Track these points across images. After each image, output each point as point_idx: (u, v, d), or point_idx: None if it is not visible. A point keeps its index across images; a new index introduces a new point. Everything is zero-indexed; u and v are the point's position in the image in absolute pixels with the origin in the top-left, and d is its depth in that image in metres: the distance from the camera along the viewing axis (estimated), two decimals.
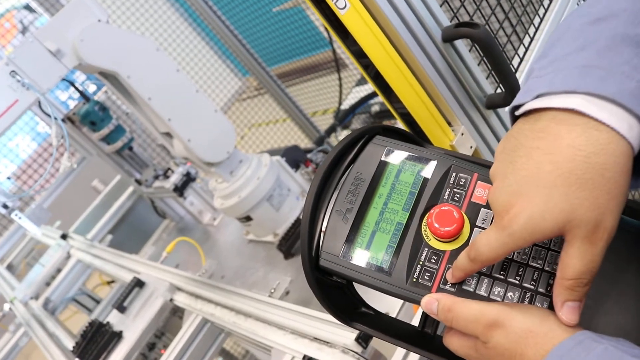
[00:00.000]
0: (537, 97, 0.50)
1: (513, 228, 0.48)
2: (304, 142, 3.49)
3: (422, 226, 0.59)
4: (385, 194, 0.61)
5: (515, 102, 0.52)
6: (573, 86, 0.48)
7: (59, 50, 1.53)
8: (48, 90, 1.54)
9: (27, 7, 5.05)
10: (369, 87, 3.24)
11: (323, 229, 0.61)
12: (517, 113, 0.52)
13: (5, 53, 2.43)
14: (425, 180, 0.61)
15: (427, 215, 0.59)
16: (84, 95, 2.24)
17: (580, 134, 0.46)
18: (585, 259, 0.47)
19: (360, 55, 1.00)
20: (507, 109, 0.54)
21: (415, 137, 0.68)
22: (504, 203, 0.49)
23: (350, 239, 0.60)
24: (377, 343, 1.09)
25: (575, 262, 0.47)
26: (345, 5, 0.90)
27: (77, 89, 2.22)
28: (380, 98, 2.90)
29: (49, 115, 2.28)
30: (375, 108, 3.06)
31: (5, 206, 1.56)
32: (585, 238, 0.47)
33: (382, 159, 0.62)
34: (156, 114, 1.66)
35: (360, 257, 0.59)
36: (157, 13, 3.46)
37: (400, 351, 1.02)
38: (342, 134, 3.17)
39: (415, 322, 0.64)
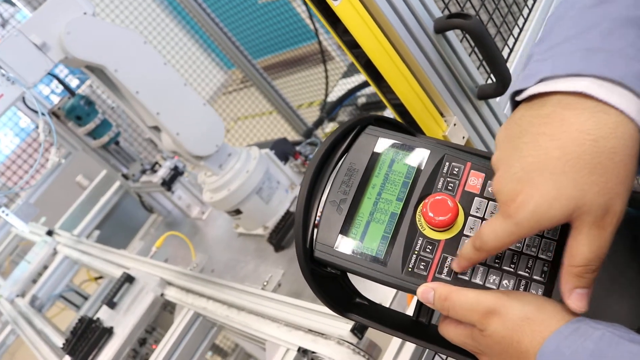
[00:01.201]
0: (541, 81, 0.49)
1: (520, 217, 0.47)
2: (291, 135, 3.48)
3: (417, 216, 0.59)
4: (378, 184, 0.61)
5: (516, 87, 0.52)
6: (578, 69, 0.47)
7: (44, 43, 1.50)
8: (34, 85, 1.52)
9: (7, 0, 4.96)
10: (356, 79, 3.23)
11: (317, 220, 0.61)
12: (518, 98, 0.52)
13: None
14: (419, 170, 0.61)
15: (421, 204, 0.59)
16: (69, 90, 2.21)
17: (589, 118, 0.45)
18: (594, 245, 0.47)
19: (352, 46, 0.99)
20: (507, 93, 0.53)
21: (407, 127, 0.68)
22: (509, 191, 0.48)
23: (345, 229, 0.60)
24: (373, 334, 1.10)
25: (585, 249, 0.47)
26: None
27: (62, 83, 2.19)
28: (368, 90, 2.89)
29: (34, 110, 2.26)
30: (362, 100, 3.05)
31: None
32: (594, 224, 0.46)
33: (375, 149, 0.63)
34: (144, 107, 1.65)
35: (355, 247, 0.59)
36: (141, 6, 3.42)
37: (395, 342, 1.02)
38: (329, 127, 3.16)
39: (409, 312, 0.64)
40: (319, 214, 0.61)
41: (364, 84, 2.77)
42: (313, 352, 1.11)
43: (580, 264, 0.48)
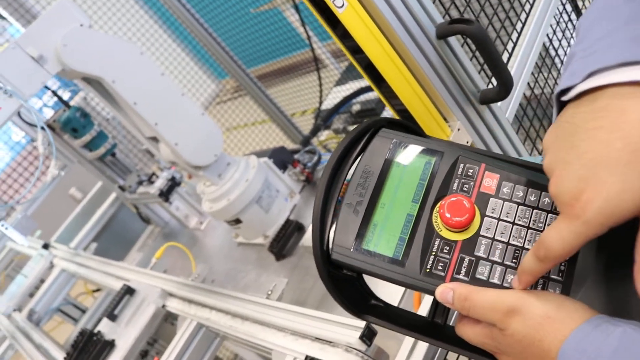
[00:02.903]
0: (589, 76, 0.48)
1: (588, 215, 0.45)
2: (286, 144, 3.47)
3: (433, 217, 0.60)
4: (394, 186, 0.62)
5: (561, 87, 0.51)
6: (629, 57, 0.46)
7: (41, 56, 1.50)
8: (31, 97, 1.51)
9: None
10: (349, 86, 3.24)
11: (334, 222, 0.61)
12: (565, 98, 0.51)
13: None
14: (434, 171, 0.61)
15: (437, 206, 0.60)
16: (64, 102, 2.20)
17: None
18: None
19: (355, 51, 1.00)
20: (553, 95, 0.53)
21: (419, 129, 0.68)
22: (572, 191, 0.46)
23: (362, 231, 0.60)
24: (381, 341, 1.09)
25: None
26: (343, 4, 0.90)
27: (57, 95, 2.18)
28: (363, 97, 2.89)
29: (29, 124, 2.25)
30: (357, 107, 3.06)
31: None
32: None
33: (389, 151, 0.63)
34: (142, 118, 1.64)
35: (373, 249, 0.60)
36: (135, 18, 3.40)
37: (404, 348, 1.02)
38: (324, 135, 3.16)
39: (419, 313, 0.65)
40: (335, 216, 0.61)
41: (359, 92, 2.78)
42: None
43: None
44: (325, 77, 3.42)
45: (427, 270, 0.58)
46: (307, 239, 1.57)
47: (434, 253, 0.58)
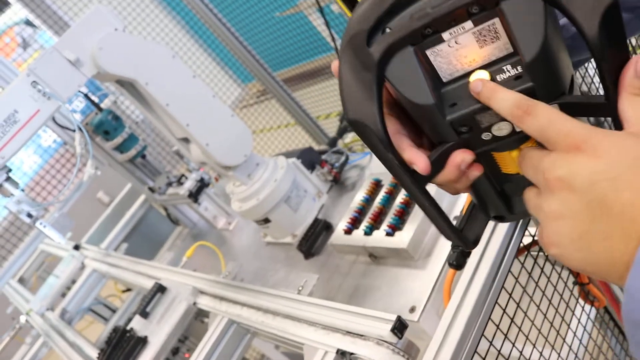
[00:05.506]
0: None
1: None
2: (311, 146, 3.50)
3: None
4: None
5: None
6: None
7: (78, 59, 1.54)
8: (68, 99, 1.56)
9: (27, 22, 5.08)
10: None
11: None
12: None
13: (15, 67, 2.45)
14: None
15: None
16: (96, 105, 2.25)
17: None
18: None
19: None
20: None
21: None
22: None
23: None
24: (411, 335, 1.11)
25: None
26: None
27: (89, 99, 2.24)
28: None
29: (62, 127, 2.30)
30: None
31: (29, 215, 1.57)
32: None
33: None
34: (174, 119, 1.68)
35: None
36: (164, 22, 3.47)
37: (434, 342, 1.02)
38: (349, 137, 3.18)
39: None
40: None
41: None
42: (352, 354, 1.12)
43: None
44: None
45: None
46: (336, 237, 1.59)
47: None
